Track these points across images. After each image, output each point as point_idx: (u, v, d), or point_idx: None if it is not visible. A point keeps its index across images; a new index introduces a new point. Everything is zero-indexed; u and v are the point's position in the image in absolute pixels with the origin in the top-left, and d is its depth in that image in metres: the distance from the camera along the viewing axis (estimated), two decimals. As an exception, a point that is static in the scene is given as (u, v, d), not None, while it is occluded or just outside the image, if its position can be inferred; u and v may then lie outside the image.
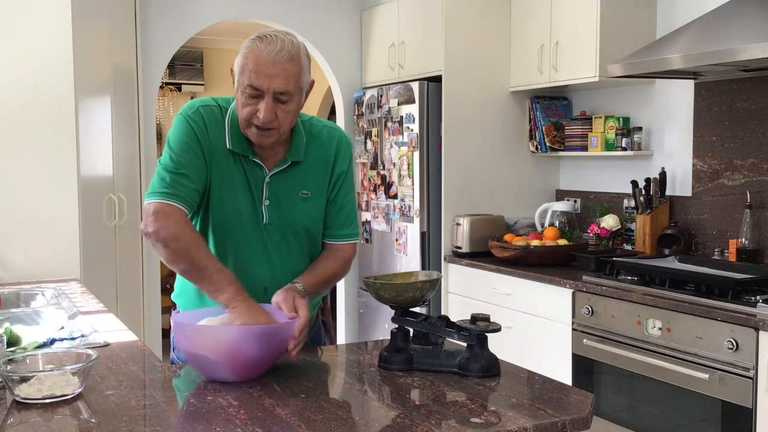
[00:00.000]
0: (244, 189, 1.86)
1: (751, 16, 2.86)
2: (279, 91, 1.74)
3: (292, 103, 1.78)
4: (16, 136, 3.10)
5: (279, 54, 1.72)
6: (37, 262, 3.09)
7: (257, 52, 1.73)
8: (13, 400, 1.48)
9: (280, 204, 1.88)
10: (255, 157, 1.86)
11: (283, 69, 1.73)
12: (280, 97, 1.75)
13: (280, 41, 1.74)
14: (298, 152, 1.89)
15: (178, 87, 7.96)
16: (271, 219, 1.88)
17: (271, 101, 1.74)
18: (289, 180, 1.89)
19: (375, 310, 4.66)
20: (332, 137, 1.96)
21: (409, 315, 1.78)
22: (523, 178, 4.37)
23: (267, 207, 1.87)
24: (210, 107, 1.87)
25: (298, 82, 1.77)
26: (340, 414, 1.44)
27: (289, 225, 1.89)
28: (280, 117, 1.77)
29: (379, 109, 4.56)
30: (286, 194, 1.88)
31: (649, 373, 2.94)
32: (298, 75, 1.76)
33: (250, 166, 1.86)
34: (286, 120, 1.79)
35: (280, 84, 1.73)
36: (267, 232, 1.88)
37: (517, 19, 4.19)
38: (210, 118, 1.85)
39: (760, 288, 2.74)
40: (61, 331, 2.09)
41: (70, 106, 3.15)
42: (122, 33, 3.94)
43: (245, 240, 1.88)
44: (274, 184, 1.87)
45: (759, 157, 3.31)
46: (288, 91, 1.75)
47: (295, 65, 1.75)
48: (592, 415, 1.45)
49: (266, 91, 1.73)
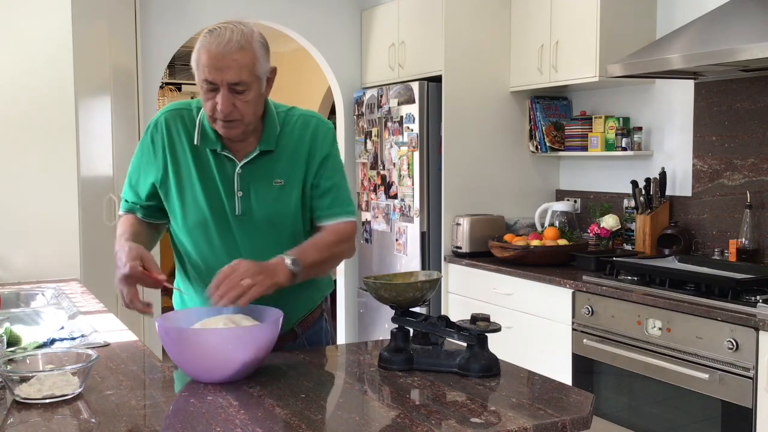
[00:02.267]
0: (215, 183, 1.88)
1: (751, 16, 2.86)
2: (232, 82, 1.74)
3: (250, 92, 1.78)
4: (16, 136, 3.10)
5: (228, 45, 1.73)
6: (37, 262, 3.09)
7: (207, 46, 1.75)
8: (13, 400, 1.48)
9: (253, 194, 1.88)
10: (224, 150, 1.87)
11: (233, 60, 1.73)
12: (236, 88, 1.75)
13: (228, 32, 1.75)
14: (269, 141, 1.88)
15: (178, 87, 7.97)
16: (244, 210, 1.88)
17: (227, 93, 1.75)
18: (261, 170, 1.88)
19: (375, 310, 4.66)
20: (307, 125, 1.93)
21: (409, 315, 1.78)
22: (523, 178, 4.37)
23: (240, 198, 1.88)
24: (176, 110, 1.93)
25: (253, 71, 1.77)
26: (340, 414, 1.44)
27: (262, 214, 1.89)
28: (240, 108, 1.77)
29: (379, 109, 4.56)
30: (258, 184, 1.88)
31: (649, 373, 2.94)
32: (252, 64, 1.76)
33: (220, 160, 1.88)
34: (248, 110, 1.79)
35: (233, 75, 1.73)
36: (241, 224, 1.89)
37: (517, 19, 4.19)
38: (174, 122, 1.91)
39: (760, 288, 2.74)
40: (61, 331, 2.09)
41: (70, 106, 3.15)
42: (122, 33, 3.94)
43: (220, 233, 1.89)
44: (245, 175, 1.88)
45: (759, 157, 3.31)
46: (242, 81, 1.75)
47: (247, 54, 1.75)
48: (592, 415, 1.45)
49: (220, 84, 1.74)
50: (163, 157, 1.90)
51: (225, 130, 1.81)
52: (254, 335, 1.60)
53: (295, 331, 1.99)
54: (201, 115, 1.88)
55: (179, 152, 1.89)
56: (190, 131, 1.89)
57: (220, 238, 1.89)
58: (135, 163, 1.96)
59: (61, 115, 3.14)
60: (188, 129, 1.89)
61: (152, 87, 4.39)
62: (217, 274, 1.68)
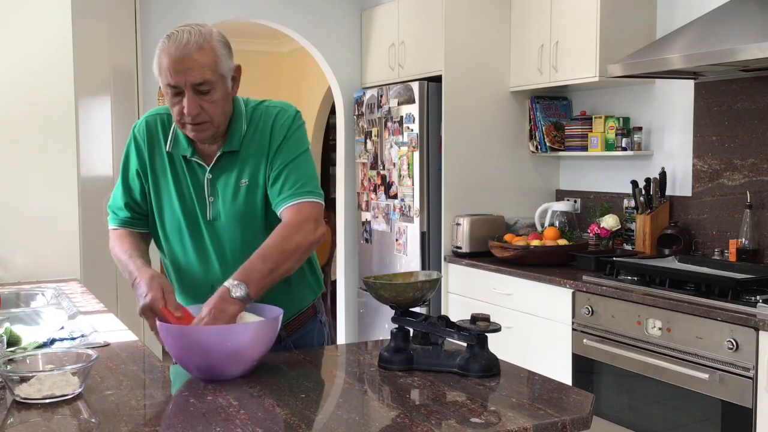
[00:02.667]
0: (189, 189, 1.88)
1: (751, 16, 2.86)
2: (196, 82, 1.72)
3: (216, 92, 1.76)
4: (16, 136, 3.10)
5: (186, 47, 1.71)
6: (37, 262, 3.09)
7: (167, 50, 1.73)
8: (13, 400, 1.48)
9: (221, 198, 1.87)
10: (194, 155, 1.87)
11: (194, 60, 1.71)
12: (200, 89, 1.73)
13: (186, 34, 1.73)
14: (233, 142, 1.86)
15: (178, 87, 7.95)
16: (215, 214, 1.87)
17: (192, 95, 1.73)
18: (227, 172, 1.87)
19: (375, 310, 4.66)
20: (269, 117, 1.88)
21: (409, 315, 1.78)
22: (523, 178, 4.37)
23: (211, 203, 1.88)
24: (155, 116, 1.93)
25: (216, 69, 1.75)
26: (340, 414, 1.44)
27: (231, 217, 1.87)
28: (208, 108, 1.76)
29: (379, 109, 4.56)
30: (226, 187, 1.87)
31: (649, 373, 2.94)
32: (213, 63, 1.74)
33: (191, 166, 1.88)
34: (215, 110, 1.77)
35: (195, 76, 1.72)
36: (213, 229, 1.88)
37: (517, 19, 4.19)
38: (153, 128, 1.92)
39: (760, 288, 2.74)
40: (61, 331, 2.09)
41: (70, 106, 3.15)
42: (122, 33, 3.94)
43: (190, 239, 1.90)
44: (214, 180, 1.87)
45: (759, 157, 3.31)
46: (206, 80, 1.73)
47: (207, 54, 1.73)
48: (592, 415, 1.45)
49: (184, 86, 1.73)
50: (145, 160, 1.91)
51: (195, 133, 1.80)
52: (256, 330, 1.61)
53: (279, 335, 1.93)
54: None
55: (157, 157, 1.90)
56: (167, 136, 1.89)
57: (193, 243, 1.90)
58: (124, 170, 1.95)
59: (61, 115, 3.14)
60: (166, 134, 1.90)
61: (152, 87, 4.39)
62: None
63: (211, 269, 1.89)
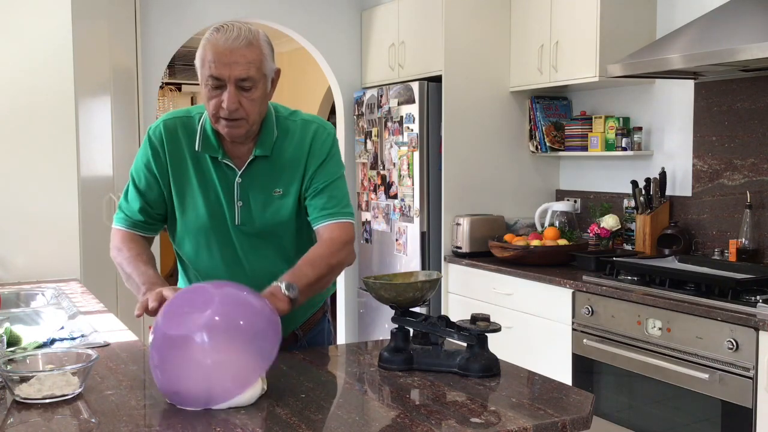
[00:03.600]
0: (216, 191, 1.85)
1: (751, 16, 2.86)
2: (240, 77, 1.71)
3: (256, 90, 1.75)
4: (16, 136, 3.10)
5: (236, 41, 1.71)
6: (37, 262, 3.09)
7: (214, 42, 1.72)
8: (13, 400, 1.48)
9: (252, 204, 1.85)
10: (225, 158, 1.84)
11: (242, 55, 1.71)
12: (243, 84, 1.73)
13: (236, 29, 1.73)
14: (265, 146, 1.84)
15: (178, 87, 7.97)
16: (244, 220, 1.85)
17: (233, 89, 1.72)
18: (260, 178, 1.85)
19: (375, 310, 4.66)
20: (306, 130, 1.88)
21: (409, 315, 1.78)
22: (523, 178, 4.37)
23: (240, 208, 1.85)
24: (175, 119, 1.89)
25: (260, 68, 1.74)
26: (340, 414, 1.44)
27: (262, 225, 1.86)
28: (246, 106, 1.74)
29: (379, 109, 4.56)
30: (257, 194, 1.85)
31: (649, 373, 2.94)
32: (259, 61, 1.74)
33: (220, 168, 1.85)
34: (253, 108, 1.76)
35: (241, 71, 1.71)
36: (241, 234, 1.86)
37: (517, 19, 4.19)
38: (173, 130, 1.87)
39: (760, 288, 2.74)
40: (61, 331, 2.09)
41: (70, 106, 3.15)
42: (122, 33, 3.94)
43: (219, 242, 1.87)
44: (245, 184, 1.85)
45: (759, 157, 3.31)
46: (250, 77, 1.72)
47: (254, 51, 1.73)
48: (592, 415, 1.45)
49: (228, 80, 1.71)
50: (165, 163, 1.87)
51: (229, 129, 1.78)
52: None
53: (296, 334, 1.99)
54: (203, 120, 1.85)
55: (180, 159, 1.86)
56: (191, 138, 1.86)
57: (220, 247, 1.87)
58: (137, 166, 1.91)
59: (61, 115, 3.14)
60: (189, 136, 1.86)
61: (152, 87, 4.39)
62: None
63: (237, 273, 1.87)
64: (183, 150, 1.86)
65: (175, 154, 1.87)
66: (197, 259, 1.91)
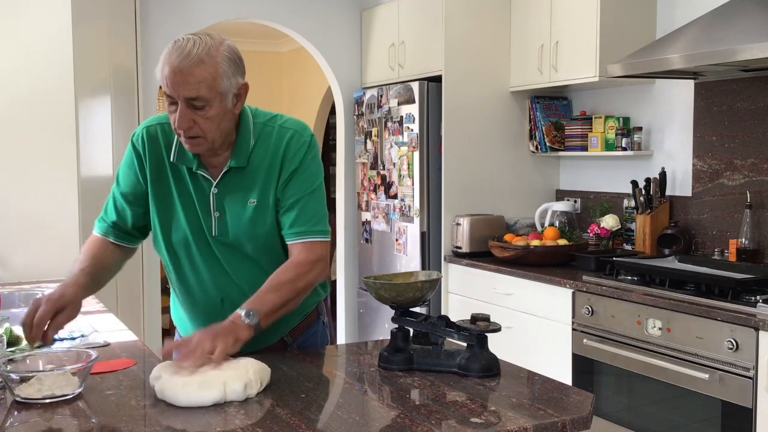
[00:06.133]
0: (191, 203, 1.83)
1: (751, 16, 2.86)
2: (189, 97, 1.66)
3: (211, 108, 1.69)
4: (16, 136, 3.10)
5: (186, 59, 1.65)
6: (37, 262, 3.09)
7: (168, 59, 1.68)
8: (13, 400, 1.48)
9: (228, 215, 1.82)
10: (200, 168, 1.80)
11: (191, 74, 1.65)
12: (194, 103, 1.67)
13: (191, 44, 1.67)
14: (240, 157, 1.79)
15: (178, 87, 7.95)
16: (221, 231, 1.82)
17: (184, 108, 1.67)
18: (235, 189, 1.81)
19: (375, 310, 4.66)
20: (282, 138, 1.82)
21: (409, 315, 1.78)
22: (523, 178, 4.37)
23: (217, 219, 1.82)
24: (156, 126, 1.86)
25: (213, 86, 1.67)
26: (340, 414, 1.44)
27: (237, 235, 1.82)
28: (201, 124, 1.69)
29: (379, 109, 4.56)
30: (232, 204, 1.81)
31: (649, 373, 2.94)
32: (212, 79, 1.67)
33: (196, 179, 1.82)
34: (209, 126, 1.70)
35: (189, 90, 1.66)
36: (219, 245, 1.83)
37: (517, 19, 4.19)
38: (153, 138, 1.84)
39: (760, 288, 2.74)
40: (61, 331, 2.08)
41: (70, 105, 3.15)
42: (122, 33, 3.94)
43: (198, 253, 1.85)
44: (220, 195, 1.81)
45: (759, 157, 3.31)
46: (200, 97, 1.66)
47: (206, 69, 1.66)
48: (592, 415, 1.45)
49: (178, 98, 1.67)
50: (146, 171, 1.84)
51: (188, 146, 1.74)
52: None
53: (284, 341, 1.96)
54: None
55: (160, 168, 1.83)
56: (169, 147, 1.82)
57: (202, 258, 1.85)
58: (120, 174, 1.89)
59: (61, 115, 3.14)
60: (167, 145, 1.83)
61: (152, 87, 4.39)
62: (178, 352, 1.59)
63: (221, 283, 1.86)
64: (163, 158, 1.83)
65: (155, 162, 1.84)
66: (180, 270, 1.88)
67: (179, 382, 1.47)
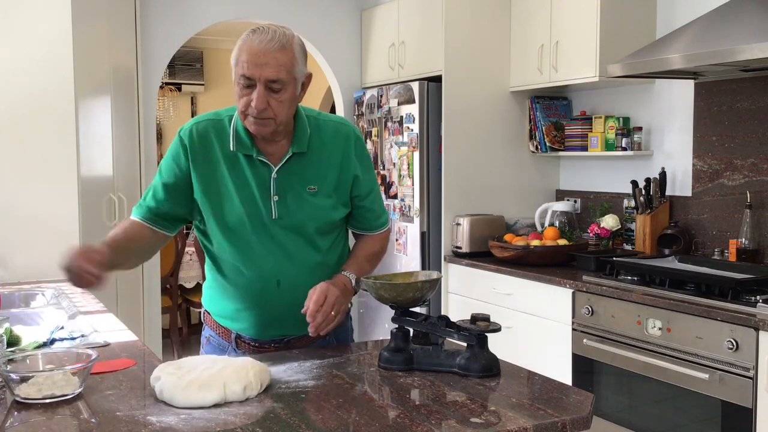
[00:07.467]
0: (251, 188, 1.90)
1: (751, 16, 2.86)
2: (270, 79, 1.77)
3: (286, 92, 1.81)
4: (16, 136, 3.10)
5: (270, 44, 1.77)
6: (37, 262, 3.09)
7: (249, 43, 1.79)
8: (13, 400, 1.48)
9: (288, 199, 1.91)
10: (260, 155, 1.90)
11: (273, 58, 1.77)
12: (272, 86, 1.78)
13: (271, 32, 1.79)
14: (301, 143, 1.91)
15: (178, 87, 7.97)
16: (281, 214, 1.91)
17: (263, 90, 1.78)
18: (295, 174, 1.92)
19: (375, 310, 4.66)
20: (338, 133, 1.97)
21: (409, 315, 1.78)
22: (523, 178, 4.37)
23: (276, 203, 1.90)
24: (206, 122, 1.95)
25: (291, 71, 1.80)
26: (340, 414, 1.44)
27: (298, 220, 1.92)
28: (274, 106, 1.80)
29: (379, 109, 4.56)
30: (293, 189, 1.91)
31: (649, 373, 2.94)
32: (290, 64, 1.80)
33: (255, 165, 1.90)
34: (281, 109, 1.82)
35: (271, 72, 1.77)
36: (278, 228, 1.91)
37: (517, 19, 4.19)
38: (204, 132, 1.93)
39: (760, 288, 2.74)
40: (61, 331, 2.09)
41: (70, 106, 3.15)
42: (122, 33, 3.94)
43: (256, 236, 1.91)
44: (281, 180, 1.90)
45: (759, 157, 3.31)
46: (279, 79, 1.78)
47: (287, 54, 1.79)
48: (592, 415, 1.45)
49: (258, 80, 1.78)
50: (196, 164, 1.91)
51: (256, 126, 1.83)
52: None
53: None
54: (234, 121, 1.91)
55: (213, 160, 1.91)
56: (223, 139, 1.91)
57: (260, 241, 1.91)
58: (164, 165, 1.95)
59: (61, 115, 3.14)
60: (221, 137, 1.92)
61: (152, 87, 4.39)
62: (310, 295, 1.80)
63: (277, 266, 1.93)
64: (215, 151, 1.91)
65: (207, 155, 1.91)
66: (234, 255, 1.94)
67: (179, 382, 1.48)
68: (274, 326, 1.97)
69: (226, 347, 2.01)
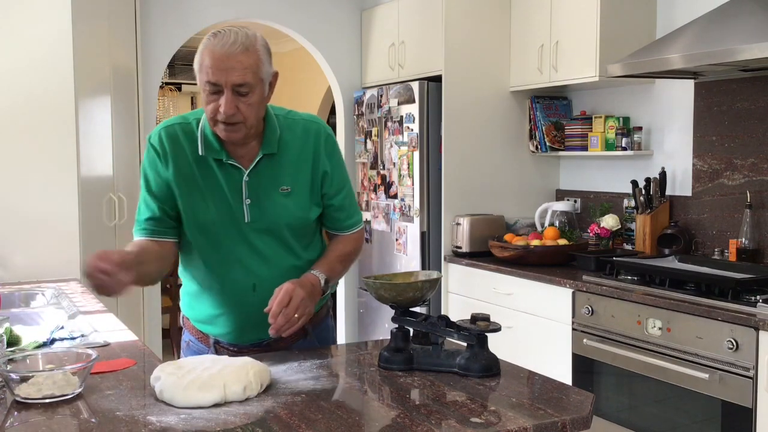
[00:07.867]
0: (223, 192, 1.87)
1: (751, 16, 2.86)
2: (236, 83, 1.74)
3: (254, 95, 1.78)
4: (16, 136, 3.10)
5: (233, 47, 1.73)
6: (37, 262, 3.09)
7: (211, 47, 1.75)
8: (13, 400, 1.48)
9: (261, 201, 1.88)
10: (230, 159, 1.87)
11: (238, 61, 1.73)
12: (240, 90, 1.75)
13: (233, 34, 1.75)
14: (271, 144, 1.88)
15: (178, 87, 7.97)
16: (253, 217, 1.88)
17: (230, 95, 1.75)
18: (266, 176, 1.89)
19: (375, 310, 4.66)
20: (309, 131, 1.93)
21: (409, 315, 1.78)
22: (523, 178, 4.37)
23: (248, 206, 1.88)
24: (174, 126, 1.91)
25: (257, 73, 1.77)
26: (340, 414, 1.44)
27: (271, 222, 1.89)
28: (243, 110, 1.77)
29: (379, 109, 4.56)
30: (265, 191, 1.89)
31: (649, 373, 2.94)
32: (256, 66, 1.76)
33: (225, 169, 1.87)
34: (250, 112, 1.78)
35: (237, 76, 1.74)
36: (251, 231, 1.89)
37: (517, 19, 4.19)
38: (173, 137, 1.89)
39: (760, 288, 2.74)
40: (61, 331, 2.09)
41: (70, 106, 3.15)
42: (122, 33, 3.94)
43: (230, 241, 1.89)
44: (252, 182, 1.88)
45: (759, 157, 3.31)
46: (246, 83, 1.75)
47: (251, 56, 1.76)
48: (592, 415, 1.45)
49: (224, 85, 1.74)
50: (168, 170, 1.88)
51: (226, 132, 1.80)
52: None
53: (305, 329, 1.99)
54: (202, 125, 1.87)
55: (183, 164, 1.88)
56: (192, 143, 1.88)
57: (235, 245, 1.89)
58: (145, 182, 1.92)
59: (61, 115, 3.14)
60: (190, 141, 1.88)
61: (152, 87, 4.39)
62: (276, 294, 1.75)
63: (252, 270, 1.90)
64: (186, 155, 1.88)
65: (178, 159, 1.88)
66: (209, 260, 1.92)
67: (180, 382, 1.48)
68: (251, 330, 1.94)
69: (206, 352, 1.99)
